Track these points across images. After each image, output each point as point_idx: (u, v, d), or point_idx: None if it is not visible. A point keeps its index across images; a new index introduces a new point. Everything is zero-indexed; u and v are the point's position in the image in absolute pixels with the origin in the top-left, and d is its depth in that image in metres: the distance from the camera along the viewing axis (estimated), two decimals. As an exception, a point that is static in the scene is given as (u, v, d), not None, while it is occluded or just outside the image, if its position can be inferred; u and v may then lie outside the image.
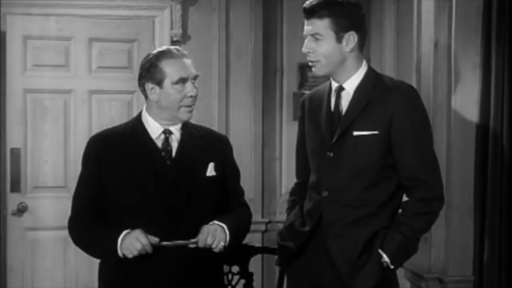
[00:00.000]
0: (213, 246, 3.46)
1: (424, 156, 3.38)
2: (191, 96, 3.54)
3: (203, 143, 3.64)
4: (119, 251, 3.43)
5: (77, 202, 3.64)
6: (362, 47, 3.46)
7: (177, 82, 3.51)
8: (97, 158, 3.59)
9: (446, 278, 4.63)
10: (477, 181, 4.59)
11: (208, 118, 5.70)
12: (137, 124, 3.64)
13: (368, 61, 3.53)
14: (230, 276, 4.14)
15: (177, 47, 3.69)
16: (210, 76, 5.83)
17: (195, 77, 3.57)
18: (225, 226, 3.51)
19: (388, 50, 5.68)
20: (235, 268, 4.16)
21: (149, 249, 3.40)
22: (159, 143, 3.58)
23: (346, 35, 3.38)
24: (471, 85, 4.60)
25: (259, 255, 4.94)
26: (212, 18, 5.85)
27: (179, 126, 3.61)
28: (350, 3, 3.39)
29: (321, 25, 3.37)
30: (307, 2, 3.41)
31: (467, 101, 4.61)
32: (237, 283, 4.15)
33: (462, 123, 4.60)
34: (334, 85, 3.48)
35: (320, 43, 3.38)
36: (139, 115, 3.67)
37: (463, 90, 4.61)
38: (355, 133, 3.37)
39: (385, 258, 3.34)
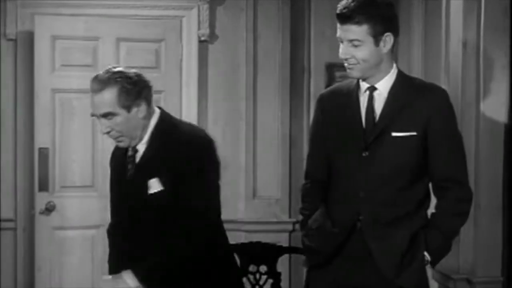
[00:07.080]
0: None
1: (459, 157, 3.41)
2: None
3: (157, 156, 3.48)
4: None
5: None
6: (393, 47, 3.45)
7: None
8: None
9: (475, 279, 4.60)
10: (505, 181, 4.57)
11: (236, 119, 5.72)
12: None
13: (396, 61, 3.52)
14: (258, 276, 4.14)
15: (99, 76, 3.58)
16: (238, 76, 5.85)
17: (106, 115, 3.42)
18: (130, 272, 3.41)
19: (416, 50, 5.64)
20: (263, 268, 4.16)
21: None
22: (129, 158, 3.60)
23: (383, 37, 3.36)
24: (500, 86, 4.57)
25: (287, 255, 4.94)
26: (240, 18, 5.86)
27: (145, 140, 3.51)
28: (383, 4, 3.35)
29: (359, 31, 3.31)
30: (341, 7, 3.34)
31: (496, 102, 4.58)
32: (265, 283, 4.15)
33: (490, 123, 4.58)
34: (364, 85, 3.45)
35: (359, 48, 3.34)
36: None
37: (492, 91, 4.59)
38: (394, 134, 3.36)
39: (428, 257, 3.38)
